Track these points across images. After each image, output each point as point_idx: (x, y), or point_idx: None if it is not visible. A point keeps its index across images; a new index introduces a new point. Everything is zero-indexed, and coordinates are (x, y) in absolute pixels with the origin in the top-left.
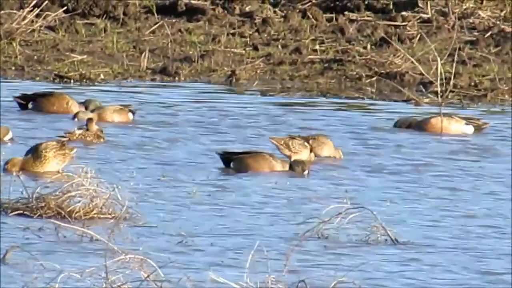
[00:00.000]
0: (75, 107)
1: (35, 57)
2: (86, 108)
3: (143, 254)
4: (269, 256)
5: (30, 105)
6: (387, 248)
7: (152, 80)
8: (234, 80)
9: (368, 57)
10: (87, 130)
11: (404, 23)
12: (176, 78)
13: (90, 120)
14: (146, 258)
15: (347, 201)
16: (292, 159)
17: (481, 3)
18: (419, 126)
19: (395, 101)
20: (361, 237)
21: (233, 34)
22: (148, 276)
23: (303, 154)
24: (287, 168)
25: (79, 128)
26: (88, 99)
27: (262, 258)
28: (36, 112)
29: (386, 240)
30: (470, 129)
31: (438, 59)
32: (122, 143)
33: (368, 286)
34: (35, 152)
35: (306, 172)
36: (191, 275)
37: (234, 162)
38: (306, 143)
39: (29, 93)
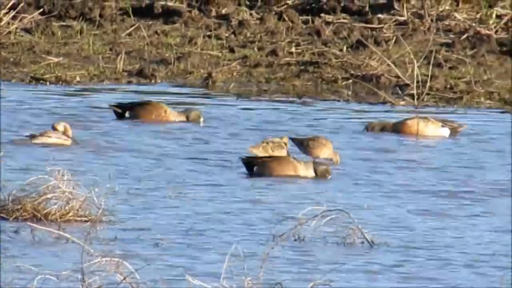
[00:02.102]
0: (173, 116)
1: (11, 59)
2: (187, 118)
3: (120, 256)
4: (246, 259)
5: (127, 114)
6: (363, 251)
7: (129, 82)
8: (210, 83)
9: (344, 59)
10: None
11: (380, 26)
12: (153, 81)
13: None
14: (122, 260)
15: (324, 203)
16: (315, 161)
17: (457, 5)
18: (394, 128)
19: (371, 103)
20: (338, 240)
21: (209, 36)
22: (124, 278)
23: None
24: (311, 170)
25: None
26: (189, 108)
27: (238, 260)
28: (133, 120)
29: (362, 242)
30: (446, 132)
31: (415, 61)
32: (98, 145)
33: None
34: None
35: (329, 176)
36: (168, 278)
37: (257, 166)
38: (283, 144)
39: (125, 101)
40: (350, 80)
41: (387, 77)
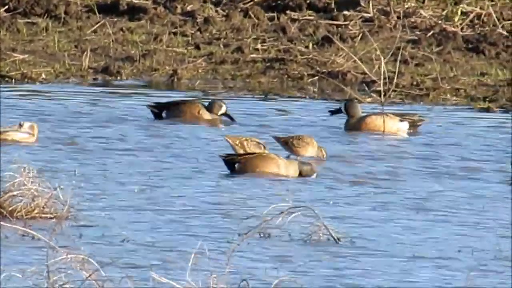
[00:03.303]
0: (206, 115)
1: None
2: (210, 111)
3: (85, 253)
4: (211, 256)
5: (163, 114)
6: (329, 247)
7: (94, 79)
8: (176, 80)
9: (310, 56)
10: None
11: (346, 22)
12: (118, 78)
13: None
14: (88, 257)
15: (289, 200)
16: (299, 159)
17: (423, 2)
18: (354, 125)
19: (337, 100)
20: (303, 236)
21: (175, 33)
22: (89, 275)
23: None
24: (295, 168)
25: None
26: (212, 101)
27: (204, 257)
28: (170, 120)
29: (328, 239)
30: (405, 126)
31: (382, 58)
32: (61, 143)
33: (310, 285)
34: None
35: (314, 175)
36: (133, 275)
37: (239, 164)
38: (260, 144)
39: (162, 101)
40: (316, 77)
41: (353, 73)
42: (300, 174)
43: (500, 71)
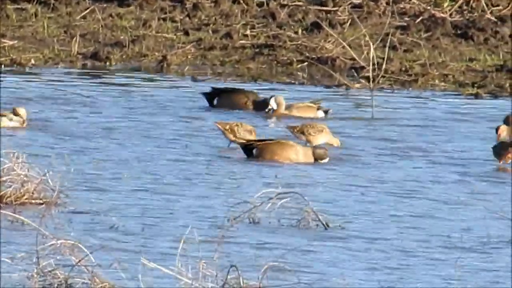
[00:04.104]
0: (253, 105)
1: None
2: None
3: (74, 239)
4: (201, 241)
5: (215, 101)
6: (318, 233)
7: (83, 65)
8: (165, 65)
9: (299, 42)
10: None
11: (335, 8)
12: (107, 63)
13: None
14: (77, 243)
15: (278, 185)
16: (313, 145)
17: None
18: (275, 114)
19: (326, 86)
20: (292, 222)
21: (164, 19)
22: (79, 261)
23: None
24: (310, 154)
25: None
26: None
27: (193, 243)
28: (221, 108)
29: (317, 225)
30: (321, 114)
31: (371, 44)
32: (50, 129)
33: (299, 270)
34: None
35: (326, 159)
36: (123, 260)
37: (256, 149)
38: (252, 130)
39: (217, 88)
40: (305, 63)
41: (342, 59)
42: (315, 159)
43: (488, 57)
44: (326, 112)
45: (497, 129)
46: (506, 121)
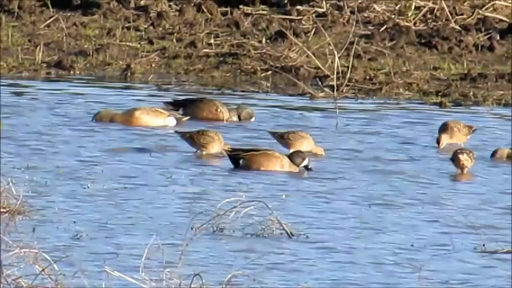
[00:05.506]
0: (225, 114)
1: None
2: (239, 116)
3: (38, 248)
4: (165, 250)
5: (180, 111)
6: (282, 242)
7: (47, 73)
8: (129, 74)
9: (263, 51)
10: None
11: (299, 17)
12: (71, 72)
13: None
14: (41, 252)
15: (242, 194)
16: (291, 151)
17: None
18: (123, 119)
19: (290, 95)
20: (257, 231)
21: (128, 28)
22: (43, 270)
23: (214, 147)
24: (295, 167)
25: None
26: (241, 106)
27: (157, 251)
28: (187, 118)
29: (281, 233)
30: (172, 121)
31: (335, 52)
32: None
33: (263, 279)
34: None
35: (304, 164)
36: (86, 269)
37: (243, 160)
38: (216, 135)
39: (180, 98)
40: (269, 72)
41: (306, 68)
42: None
43: (452, 66)
44: (179, 119)
45: (437, 141)
46: (442, 129)
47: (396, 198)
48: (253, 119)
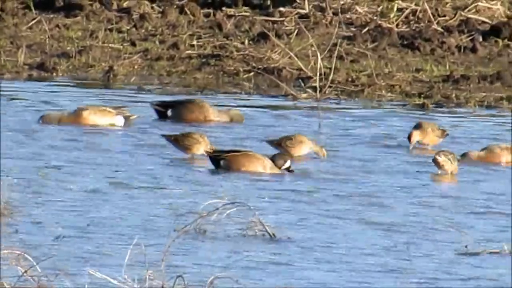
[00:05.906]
0: (215, 115)
1: None
2: (231, 117)
3: (21, 249)
4: (147, 251)
5: (169, 113)
6: (264, 243)
7: (29, 75)
8: (111, 76)
9: (246, 52)
10: None
11: (282, 19)
12: (54, 74)
13: None
14: (24, 253)
15: (224, 196)
16: (274, 154)
17: None
18: (70, 119)
19: (273, 96)
20: (239, 232)
21: (111, 30)
22: (25, 271)
23: (199, 149)
24: (277, 169)
25: None
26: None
27: (140, 253)
28: (175, 120)
29: (263, 235)
30: (120, 120)
31: (318, 54)
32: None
33: (245, 280)
34: None
35: (285, 167)
36: (69, 270)
37: (224, 160)
38: (201, 137)
39: (167, 100)
40: (252, 73)
41: (289, 70)
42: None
43: (435, 67)
44: (127, 118)
45: (409, 137)
46: (417, 126)
47: (379, 199)
48: (243, 121)
